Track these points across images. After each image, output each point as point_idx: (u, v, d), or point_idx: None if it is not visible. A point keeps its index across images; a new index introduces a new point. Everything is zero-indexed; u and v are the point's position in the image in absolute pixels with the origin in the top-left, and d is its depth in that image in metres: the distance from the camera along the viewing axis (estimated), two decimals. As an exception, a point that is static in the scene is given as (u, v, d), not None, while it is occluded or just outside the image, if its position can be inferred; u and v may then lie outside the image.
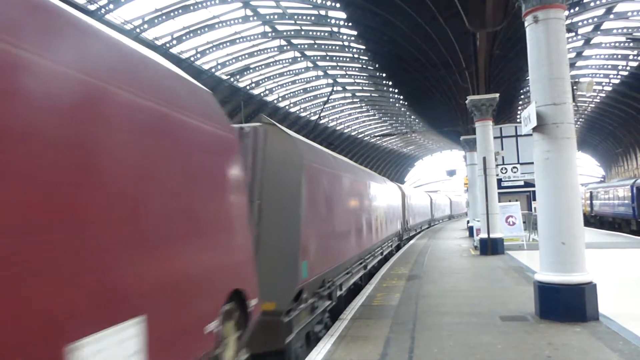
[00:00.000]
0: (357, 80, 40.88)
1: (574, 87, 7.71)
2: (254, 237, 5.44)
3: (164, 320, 3.06)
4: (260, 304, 4.78)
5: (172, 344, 3.19)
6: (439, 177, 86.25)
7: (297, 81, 38.52)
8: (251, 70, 33.37)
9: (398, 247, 20.69)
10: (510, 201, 21.50)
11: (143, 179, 3.00)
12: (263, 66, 33.63)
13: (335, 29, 28.51)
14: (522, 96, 36.57)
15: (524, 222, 18.78)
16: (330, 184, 8.04)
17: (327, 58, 34.51)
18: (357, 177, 11.04)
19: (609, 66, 36.91)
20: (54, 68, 2.37)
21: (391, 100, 45.50)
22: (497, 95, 17.12)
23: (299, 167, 6.22)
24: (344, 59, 34.43)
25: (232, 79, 32.79)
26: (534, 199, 20.76)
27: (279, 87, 38.43)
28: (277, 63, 33.92)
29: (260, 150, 6.18)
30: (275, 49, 31.49)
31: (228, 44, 28.74)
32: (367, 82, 40.69)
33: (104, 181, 2.64)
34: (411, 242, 23.85)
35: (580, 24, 26.82)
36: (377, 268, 13.79)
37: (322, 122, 47.48)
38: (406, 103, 42.71)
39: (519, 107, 40.22)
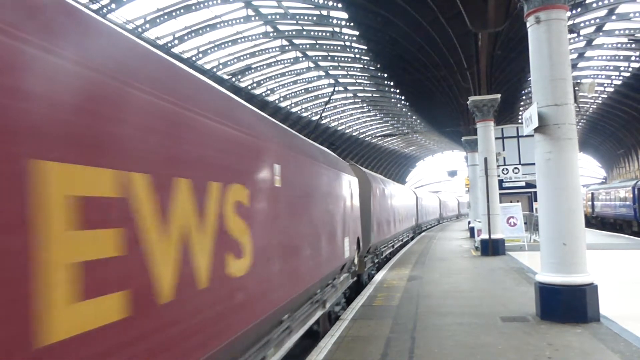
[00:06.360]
0: (358, 81, 40.89)
1: (576, 88, 7.70)
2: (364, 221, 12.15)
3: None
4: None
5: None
6: (440, 178, 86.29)
7: (298, 81, 38.55)
8: (253, 70, 33.41)
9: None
10: (511, 202, 21.48)
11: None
12: (264, 66, 33.68)
13: (337, 29, 28.53)
14: (524, 97, 36.55)
15: (525, 223, 18.76)
16: (388, 197, 16.85)
17: (329, 58, 34.53)
18: (397, 191, 20.34)
19: (611, 67, 36.89)
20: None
21: (392, 100, 45.49)
22: (499, 96, 17.12)
23: (369, 188, 13.04)
24: (346, 59, 34.44)
25: (233, 79, 32.82)
26: (535, 200, 20.73)
27: (281, 87, 38.47)
28: (279, 63, 33.96)
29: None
30: (277, 49, 31.54)
31: (230, 43, 28.79)
32: (368, 82, 40.70)
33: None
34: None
35: (582, 24, 26.84)
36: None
37: (323, 122, 47.48)
38: (407, 103, 42.71)
39: (521, 108, 40.19)
